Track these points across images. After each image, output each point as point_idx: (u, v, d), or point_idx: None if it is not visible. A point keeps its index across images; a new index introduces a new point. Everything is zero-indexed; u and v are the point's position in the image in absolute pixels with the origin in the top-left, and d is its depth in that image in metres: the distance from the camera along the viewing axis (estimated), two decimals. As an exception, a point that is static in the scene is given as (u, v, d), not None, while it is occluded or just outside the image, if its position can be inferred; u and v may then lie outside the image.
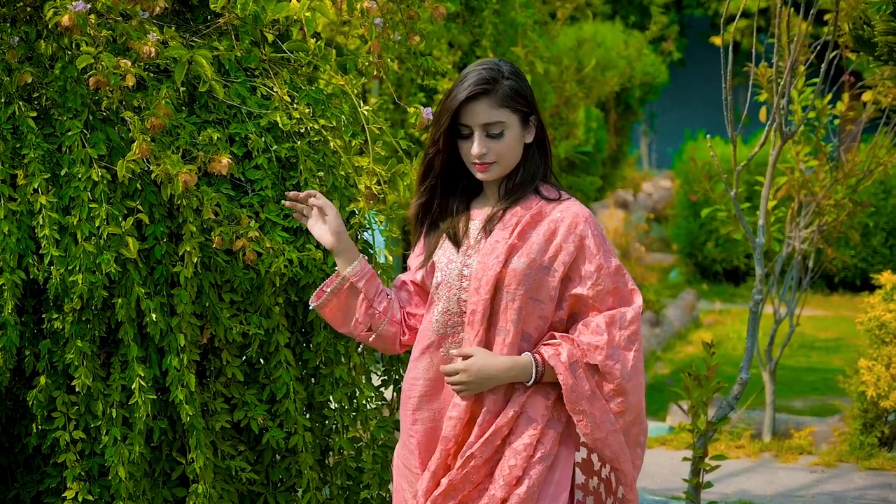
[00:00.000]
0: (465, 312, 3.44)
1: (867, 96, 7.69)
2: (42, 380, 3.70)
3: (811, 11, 5.92)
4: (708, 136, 5.72)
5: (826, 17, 6.30)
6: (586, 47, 12.62)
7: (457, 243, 3.49)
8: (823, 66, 5.80)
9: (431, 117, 4.20)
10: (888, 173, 8.11)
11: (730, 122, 5.33)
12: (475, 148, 3.38)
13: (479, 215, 3.52)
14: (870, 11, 4.62)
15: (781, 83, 5.47)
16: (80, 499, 3.73)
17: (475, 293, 3.39)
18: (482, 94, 3.37)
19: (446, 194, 3.54)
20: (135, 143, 3.54)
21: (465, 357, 3.36)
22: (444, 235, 3.52)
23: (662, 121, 25.30)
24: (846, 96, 7.86)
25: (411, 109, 4.11)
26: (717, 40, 5.90)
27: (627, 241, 15.11)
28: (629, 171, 19.94)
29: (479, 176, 3.44)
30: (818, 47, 6.19)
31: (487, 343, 3.41)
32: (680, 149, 17.69)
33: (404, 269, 3.68)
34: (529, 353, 3.36)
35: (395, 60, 5.07)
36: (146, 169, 3.61)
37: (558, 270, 3.41)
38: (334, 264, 3.72)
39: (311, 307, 3.51)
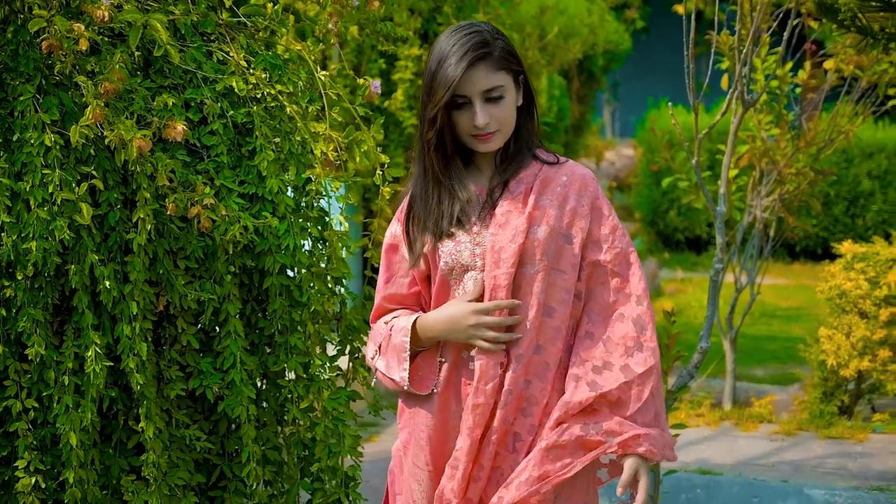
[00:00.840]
0: (480, 292, 3.32)
1: (829, 64, 7.70)
2: (-7, 348, 3.65)
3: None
4: (670, 104, 5.68)
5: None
6: (549, 15, 12.57)
7: (460, 224, 3.34)
8: (786, 34, 5.78)
9: (379, 91, 4.18)
10: (849, 142, 8.12)
11: (691, 90, 5.31)
12: (479, 118, 3.23)
13: (476, 191, 3.38)
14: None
15: (743, 51, 5.45)
16: (31, 468, 3.69)
17: (495, 266, 3.27)
18: (480, 59, 3.22)
19: (437, 178, 3.36)
20: (88, 109, 3.47)
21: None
22: (441, 220, 3.36)
23: (626, 89, 25.32)
24: (808, 65, 7.86)
25: (360, 81, 4.07)
26: (679, 8, 5.88)
27: (590, 209, 15.06)
28: (592, 140, 19.92)
29: (482, 147, 3.30)
30: (780, 15, 6.17)
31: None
32: (643, 117, 17.73)
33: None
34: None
35: (353, 27, 5.03)
36: (100, 134, 3.56)
37: (576, 237, 3.32)
38: (287, 231, 3.70)
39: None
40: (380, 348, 3.50)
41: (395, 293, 3.53)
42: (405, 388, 3.42)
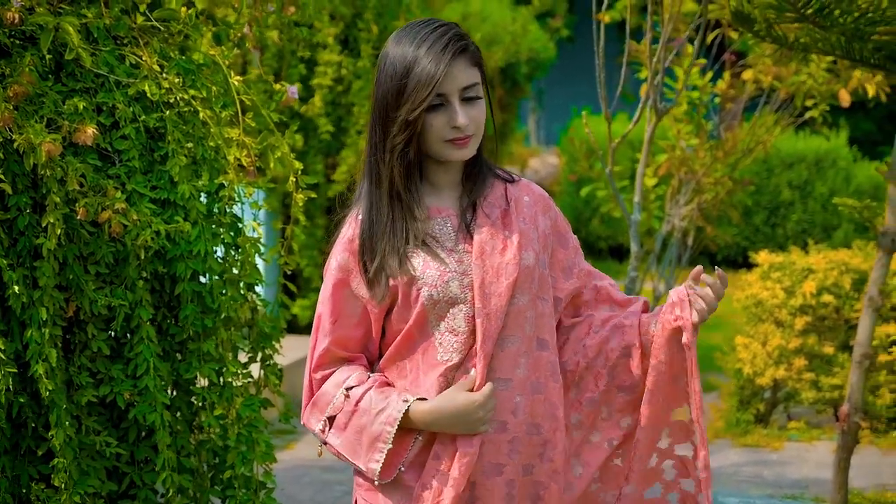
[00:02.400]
0: (469, 329, 2.95)
1: (748, 75, 7.77)
2: None
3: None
4: (584, 113, 5.72)
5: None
6: (471, 22, 12.59)
7: (429, 249, 2.95)
8: (696, 42, 5.82)
9: (296, 96, 4.15)
10: (767, 152, 8.20)
11: (603, 99, 5.35)
12: (460, 117, 2.88)
13: (442, 212, 3.02)
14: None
15: (655, 59, 5.49)
16: (-63, 476, 3.65)
17: (487, 300, 2.92)
18: (460, 52, 2.89)
19: (396, 192, 2.97)
20: (-4, 111, 3.44)
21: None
22: (405, 244, 2.96)
23: (551, 97, 25.36)
24: (727, 74, 7.92)
25: (276, 86, 4.06)
26: (605, 17, 5.91)
27: (513, 217, 15.11)
28: (517, 148, 19.94)
29: (456, 155, 2.93)
30: (700, 25, 6.22)
31: (499, 356, 2.96)
32: (566, 126, 17.78)
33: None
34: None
35: (271, 31, 5.01)
36: (9, 138, 3.52)
37: (548, 260, 3.09)
38: (199, 236, 3.67)
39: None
40: (333, 421, 3.02)
41: (345, 336, 3.05)
42: (374, 481, 2.99)
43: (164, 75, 3.78)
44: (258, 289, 4.03)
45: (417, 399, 2.95)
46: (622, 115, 13.90)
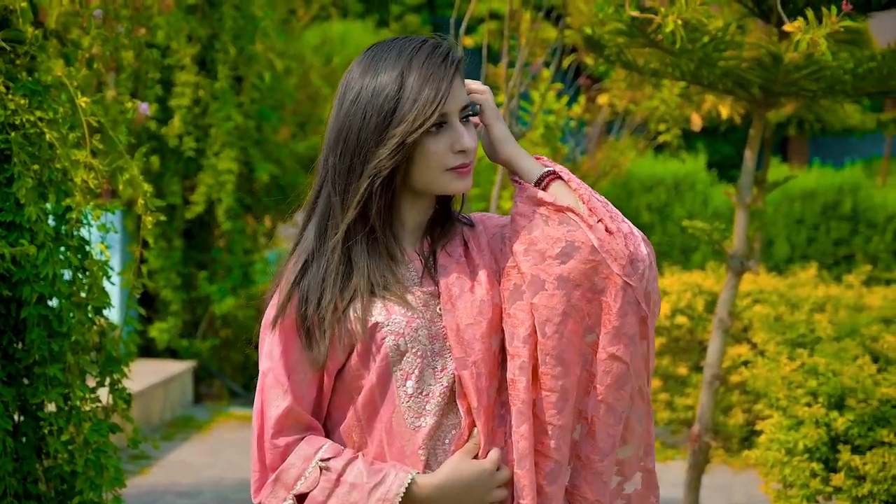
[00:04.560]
0: (447, 385, 2.55)
1: (603, 99, 7.89)
2: None
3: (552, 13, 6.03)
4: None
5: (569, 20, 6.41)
6: (332, 46, 12.60)
7: (392, 294, 2.54)
8: (553, 66, 5.89)
9: (147, 113, 4.11)
10: (621, 175, 8.32)
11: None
12: (467, 139, 2.51)
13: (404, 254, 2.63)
14: (602, 14, 4.70)
15: (511, 83, 5.54)
16: None
17: (469, 347, 2.53)
18: (458, 66, 2.54)
19: (371, 227, 2.56)
20: None
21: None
22: (367, 293, 2.55)
23: (414, 120, 25.45)
24: (583, 99, 8.02)
25: (128, 104, 4.02)
26: (468, 41, 5.96)
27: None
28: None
29: (458, 185, 2.55)
30: (557, 50, 6.29)
31: (497, 415, 2.59)
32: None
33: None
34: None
35: (128, 52, 4.97)
36: None
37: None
38: (46, 260, 3.62)
39: None
40: (304, 499, 2.55)
41: (301, 395, 2.58)
42: None
43: (10, 96, 3.72)
44: (109, 312, 3.99)
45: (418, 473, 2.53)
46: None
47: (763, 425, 4.84)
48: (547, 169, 2.62)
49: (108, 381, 4.09)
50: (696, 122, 7.39)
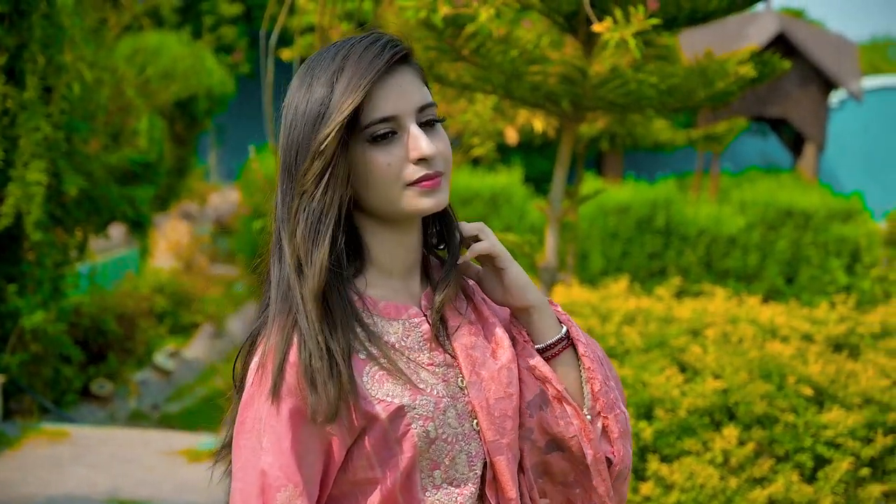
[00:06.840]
0: (480, 474, 2.17)
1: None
2: None
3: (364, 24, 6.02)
4: (251, 147, 5.74)
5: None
6: (144, 56, 12.46)
7: (411, 367, 2.12)
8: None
9: None
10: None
11: (271, 133, 5.37)
12: (423, 142, 2.08)
13: (403, 312, 2.18)
14: (409, 14, 4.68)
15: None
16: None
17: (501, 427, 2.14)
18: (403, 59, 2.13)
19: (321, 278, 2.07)
20: None
21: None
22: (366, 366, 2.09)
23: (234, 134, 25.27)
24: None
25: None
26: (286, 54, 5.93)
27: (191, 253, 15.02)
28: (196, 184, 19.78)
29: (426, 203, 2.12)
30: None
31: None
32: (245, 161, 17.76)
33: None
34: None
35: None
36: None
37: None
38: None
39: None
40: None
41: (312, 488, 2.07)
42: None
43: None
44: None
45: None
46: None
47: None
48: (560, 336, 2.26)
49: None
50: (512, 137, 7.44)
